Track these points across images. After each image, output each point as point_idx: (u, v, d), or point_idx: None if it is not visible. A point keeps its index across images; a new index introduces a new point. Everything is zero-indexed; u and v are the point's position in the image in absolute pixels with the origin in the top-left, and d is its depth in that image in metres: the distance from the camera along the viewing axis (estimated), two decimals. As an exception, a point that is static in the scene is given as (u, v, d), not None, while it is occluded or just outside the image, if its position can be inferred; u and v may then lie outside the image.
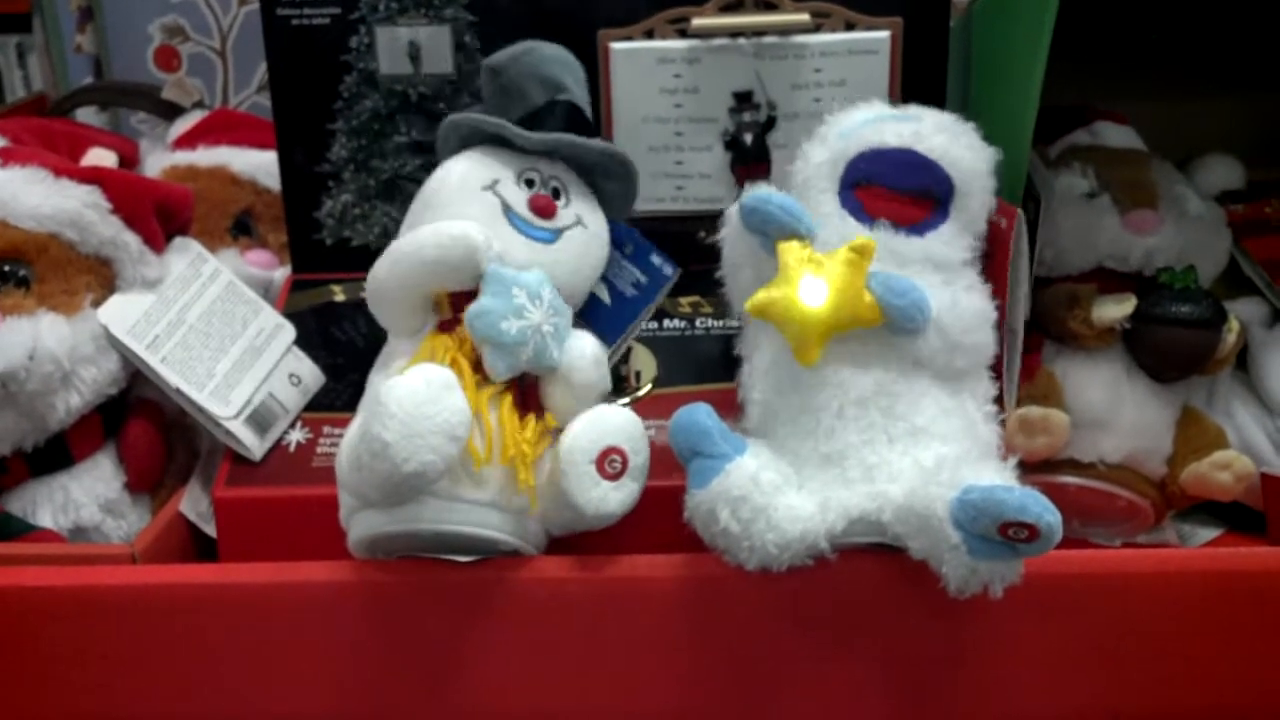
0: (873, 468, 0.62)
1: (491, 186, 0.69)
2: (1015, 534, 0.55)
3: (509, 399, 0.64)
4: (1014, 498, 0.55)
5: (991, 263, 0.70)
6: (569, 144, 0.72)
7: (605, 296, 0.76)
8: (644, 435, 0.65)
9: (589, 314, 0.74)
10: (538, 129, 0.72)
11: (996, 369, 0.68)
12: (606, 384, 0.69)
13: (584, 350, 0.67)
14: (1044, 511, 0.55)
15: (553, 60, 0.74)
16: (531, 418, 0.65)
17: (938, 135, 0.68)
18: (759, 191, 0.64)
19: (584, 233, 0.71)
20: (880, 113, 0.71)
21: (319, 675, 0.65)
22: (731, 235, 0.68)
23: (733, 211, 0.67)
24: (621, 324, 0.75)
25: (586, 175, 0.74)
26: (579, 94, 0.75)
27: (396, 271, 0.66)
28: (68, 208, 0.72)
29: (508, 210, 0.69)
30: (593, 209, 0.73)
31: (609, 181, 0.74)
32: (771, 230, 0.63)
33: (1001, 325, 0.68)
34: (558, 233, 0.70)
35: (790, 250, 0.63)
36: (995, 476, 0.57)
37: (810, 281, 0.61)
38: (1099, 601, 0.63)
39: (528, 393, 0.66)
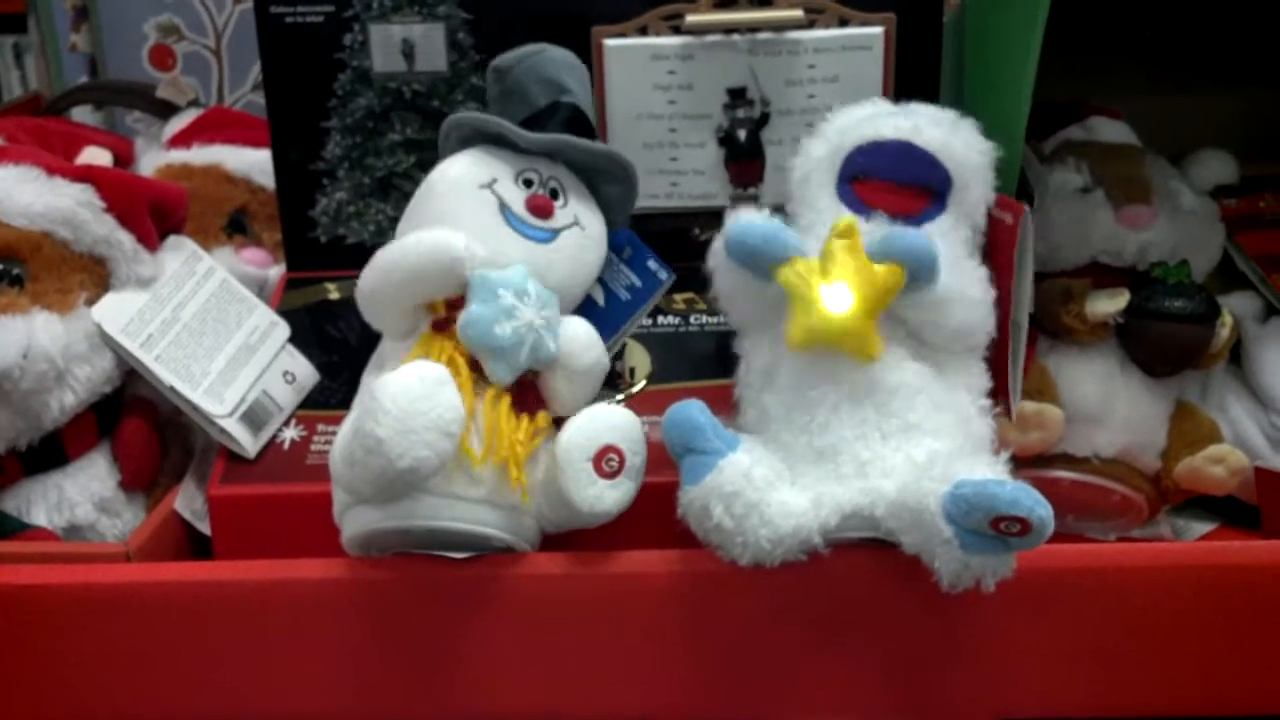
0: (866, 463, 0.62)
1: (489, 185, 0.69)
2: (1007, 528, 0.55)
3: (507, 397, 0.64)
4: (1006, 492, 0.55)
5: (995, 258, 0.70)
6: (569, 145, 0.71)
7: (600, 299, 0.76)
8: (642, 435, 0.65)
9: (582, 315, 0.73)
10: (539, 130, 0.71)
11: (991, 361, 0.68)
12: (605, 364, 0.69)
13: (577, 334, 0.68)
14: (1036, 505, 0.55)
15: (558, 62, 0.74)
16: (525, 416, 0.65)
17: (935, 129, 0.69)
18: (738, 226, 0.64)
19: (581, 234, 0.71)
20: (878, 108, 0.71)
21: (314, 673, 0.65)
22: (721, 268, 0.68)
23: (718, 246, 0.67)
24: (614, 326, 0.75)
25: (586, 177, 0.73)
26: (582, 97, 0.75)
27: (382, 281, 0.66)
28: (61, 206, 0.72)
29: (504, 209, 0.69)
30: (591, 211, 0.73)
31: (609, 185, 0.74)
32: (761, 261, 0.64)
33: (1005, 321, 0.68)
34: (555, 233, 0.70)
35: (792, 274, 0.62)
36: (987, 471, 0.57)
37: (829, 291, 0.61)
38: (1093, 596, 0.63)
39: (525, 390, 0.66)
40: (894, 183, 0.68)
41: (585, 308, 0.74)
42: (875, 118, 0.70)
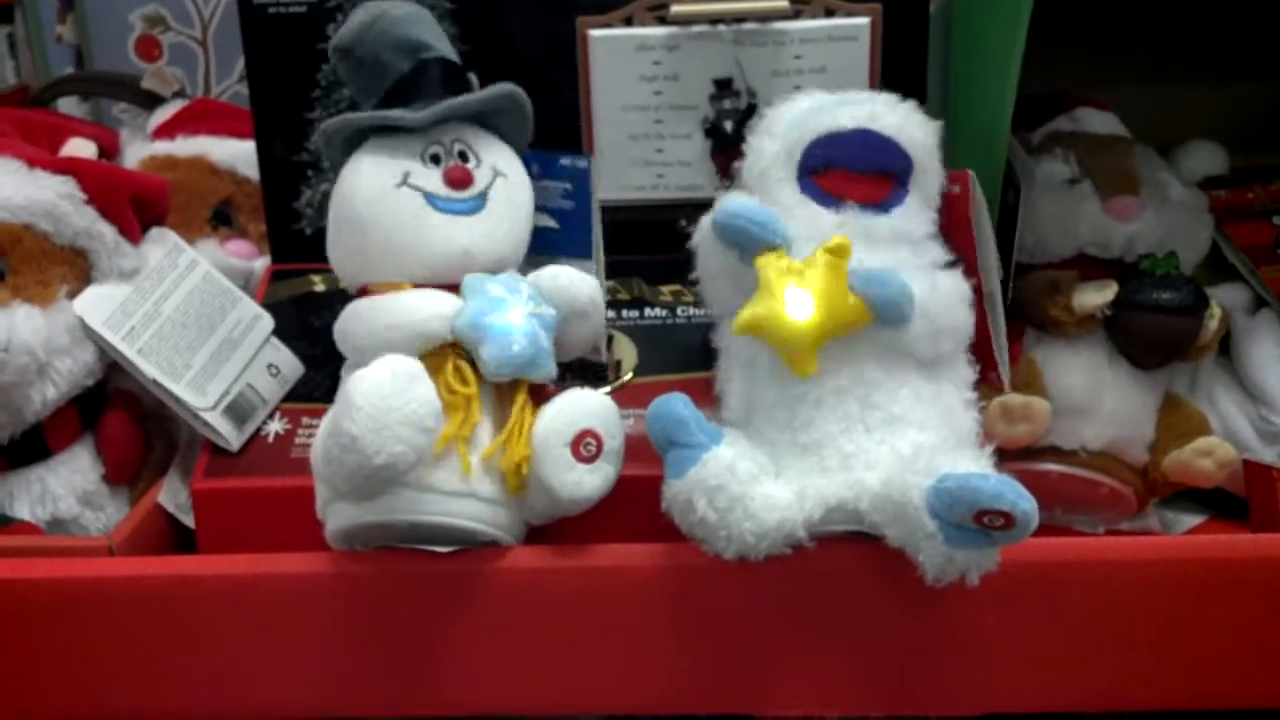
0: (850, 456, 0.62)
1: (403, 182, 0.68)
2: (991, 522, 0.55)
3: (527, 397, 0.65)
4: (989, 485, 0.54)
5: (954, 231, 0.70)
6: (456, 108, 0.70)
7: (551, 222, 0.75)
8: (619, 418, 0.65)
9: (548, 246, 0.73)
10: (415, 98, 0.70)
11: (975, 352, 0.68)
12: (599, 295, 0.69)
13: (558, 277, 0.68)
14: (1019, 499, 0.54)
15: (405, 21, 0.71)
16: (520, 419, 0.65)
17: (890, 114, 0.69)
18: (730, 204, 0.64)
19: (505, 182, 0.70)
20: (823, 99, 0.71)
21: (297, 666, 0.65)
22: (705, 245, 0.68)
23: (705, 222, 0.66)
24: (584, 235, 0.75)
25: (481, 121, 0.72)
26: (443, 47, 0.72)
27: (377, 342, 0.65)
28: (42, 198, 0.71)
29: (429, 198, 0.68)
30: (503, 154, 0.71)
31: (504, 119, 0.72)
32: (746, 244, 0.63)
33: (979, 295, 0.68)
34: (483, 196, 0.69)
35: (769, 264, 0.62)
36: (971, 464, 0.57)
37: (795, 294, 0.61)
38: (1080, 589, 0.63)
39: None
40: (856, 171, 0.68)
41: (544, 240, 0.73)
42: (828, 108, 0.70)
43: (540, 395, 0.66)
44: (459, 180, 0.69)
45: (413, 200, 0.68)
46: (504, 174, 0.70)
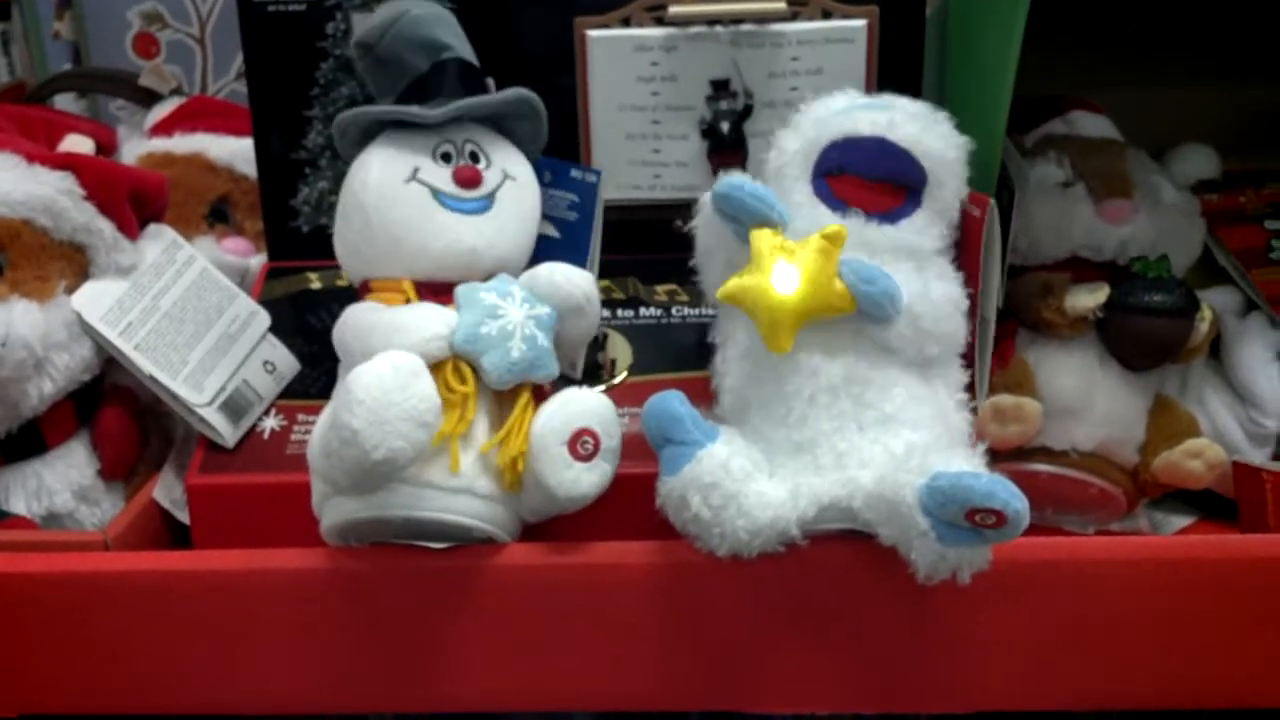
0: (843, 454, 0.62)
1: (413, 176, 0.68)
2: (983, 520, 0.56)
3: (530, 397, 0.65)
4: (981, 484, 0.55)
5: (964, 252, 0.70)
6: (472, 108, 0.71)
7: (553, 231, 0.76)
8: (615, 417, 0.65)
9: (546, 255, 0.73)
10: (431, 96, 0.70)
11: (968, 357, 0.69)
12: (595, 293, 0.69)
13: (554, 275, 0.68)
14: (1011, 498, 0.55)
15: (427, 21, 0.72)
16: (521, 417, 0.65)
17: (910, 124, 0.68)
18: (732, 178, 0.64)
19: (514, 185, 0.71)
20: (854, 101, 0.71)
21: (292, 662, 0.65)
22: (704, 221, 0.68)
23: (706, 198, 0.67)
24: (581, 248, 0.75)
25: (494, 124, 0.73)
26: (463, 48, 0.73)
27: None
28: (41, 194, 0.71)
29: (437, 195, 0.68)
30: (515, 158, 0.72)
31: (518, 123, 0.73)
32: (744, 217, 0.63)
33: (974, 314, 0.69)
34: (491, 197, 0.70)
35: (762, 237, 0.62)
36: (964, 463, 0.57)
37: (783, 268, 0.61)
38: (1071, 589, 0.63)
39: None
40: (869, 178, 0.68)
41: (543, 248, 0.73)
42: (850, 111, 0.70)
43: (539, 394, 0.66)
44: (468, 180, 0.69)
45: (420, 196, 0.68)
46: (514, 177, 0.71)
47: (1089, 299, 0.75)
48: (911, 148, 0.68)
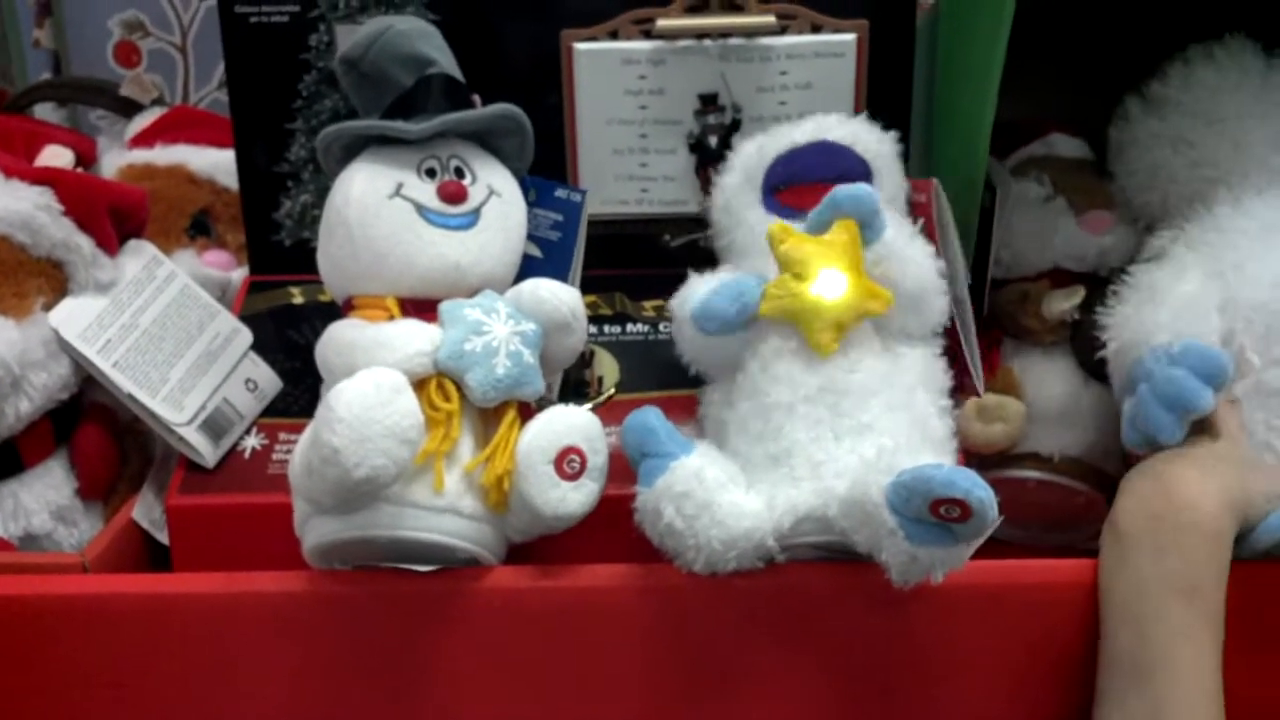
0: (819, 464, 0.62)
1: (397, 192, 0.68)
2: (947, 512, 0.55)
3: (516, 415, 0.64)
4: (941, 474, 0.55)
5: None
6: (456, 123, 0.70)
7: (536, 250, 0.75)
8: (602, 435, 0.65)
9: (527, 274, 0.72)
10: (416, 111, 0.70)
11: (951, 353, 0.69)
12: (580, 307, 0.69)
13: (538, 289, 0.68)
14: (973, 486, 0.54)
15: (411, 35, 0.71)
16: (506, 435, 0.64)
17: (841, 127, 0.73)
18: (701, 302, 0.66)
19: (500, 201, 0.70)
20: (777, 127, 0.75)
21: (273, 686, 0.65)
22: (687, 338, 0.70)
23: (685, 316, 0.68)
24: (563, 267, 0.75)
25: (480, 140, 0.72)
26: (447, 62, 0.72)
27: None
28: (18, 209, 0.70)
29: (421, 211, 0.68)
30: (500, 174, 0.72)
31: (504, 139, 0.73)
32: (734, 326, 0.66)
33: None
34: (476, 213, 0.69)
35: (788, 241, 0.64)
36: (931, 459, 0.57)
37: (828, 275, 0.63)
38: (1054, 608, 0.63)
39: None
40: (816, 183, 0.69)
41: (527, 266, 0.73)
42: (782, 132, 0.74)
43: (526, 411, 0.65)
44: (453, 195, 0.68)
45: (404, 211, 0.67)
46: (499, 193, 0.70)
47: (1065, 302, 0.77)
48: (852, 144, 0.73)
